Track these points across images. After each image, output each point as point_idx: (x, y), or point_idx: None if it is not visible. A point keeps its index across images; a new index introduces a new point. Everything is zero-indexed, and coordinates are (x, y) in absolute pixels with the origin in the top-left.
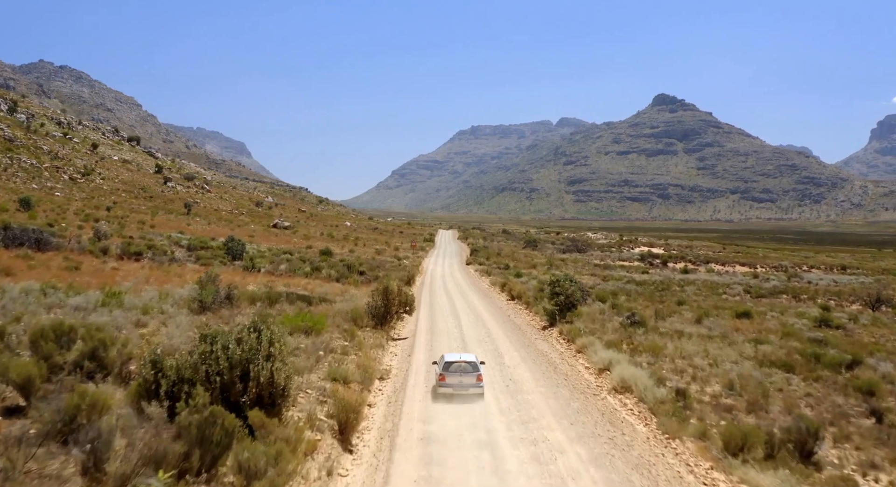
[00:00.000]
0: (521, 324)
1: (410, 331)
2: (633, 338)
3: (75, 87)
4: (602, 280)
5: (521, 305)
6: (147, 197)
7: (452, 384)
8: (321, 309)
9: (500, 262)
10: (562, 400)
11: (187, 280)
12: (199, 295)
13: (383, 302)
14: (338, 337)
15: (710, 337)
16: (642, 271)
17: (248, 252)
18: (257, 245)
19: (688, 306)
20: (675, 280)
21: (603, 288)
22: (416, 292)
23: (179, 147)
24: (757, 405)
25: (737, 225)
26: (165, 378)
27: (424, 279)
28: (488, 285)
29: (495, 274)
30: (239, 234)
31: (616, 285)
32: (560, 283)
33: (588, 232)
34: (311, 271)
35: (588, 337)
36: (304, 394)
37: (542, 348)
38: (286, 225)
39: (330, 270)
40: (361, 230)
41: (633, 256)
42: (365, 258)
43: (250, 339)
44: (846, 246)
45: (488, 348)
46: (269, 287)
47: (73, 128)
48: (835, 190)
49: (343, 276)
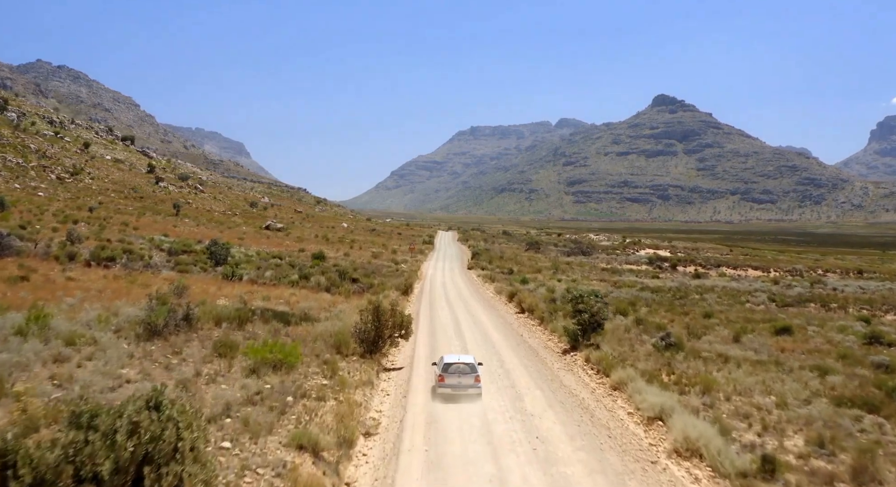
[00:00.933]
0: (537, 346)
1: (407, 358)
2: (673, 365)
3: (73, 86)
4: (613, 286)
5: (533, 320)
6: (137, 197)
7: (451, 385)
8: (300, 332)
9: (503, 266)
10: (612, 475)
11: (153, 292)
12: (148, 317)
13: (374, 325)
14: (315, 372)
15: (760, 362)
16: (652, 275)
17: (234, 257)
18: (246, 248)
19: (716, 318)
20: (692, 287)
21: (618, 296)
22: (414, 301)
23: (177, 147)
24: (865, 473)
25: (737, 226)
26: (18, 482)
27: (424, 287)
28: (493, 293)
29: (499, 280)
30: (229, 236)
31: (630, 292)
32: (584, 298)
33: (589, 233)
34: (298, 280)
35: (626, 370)
36: (249, 478)
37: (569, 382)
38: (279, 227)
39: (320, 277)
40: (358, 232)
41: (640, 259)
42: (361, 263)
43: (151, 423)
44: (850, 248)
45: (504, 384)
46: (245, 301)
47: (65, 127)
48: (835, 191)
49: (334, 284)
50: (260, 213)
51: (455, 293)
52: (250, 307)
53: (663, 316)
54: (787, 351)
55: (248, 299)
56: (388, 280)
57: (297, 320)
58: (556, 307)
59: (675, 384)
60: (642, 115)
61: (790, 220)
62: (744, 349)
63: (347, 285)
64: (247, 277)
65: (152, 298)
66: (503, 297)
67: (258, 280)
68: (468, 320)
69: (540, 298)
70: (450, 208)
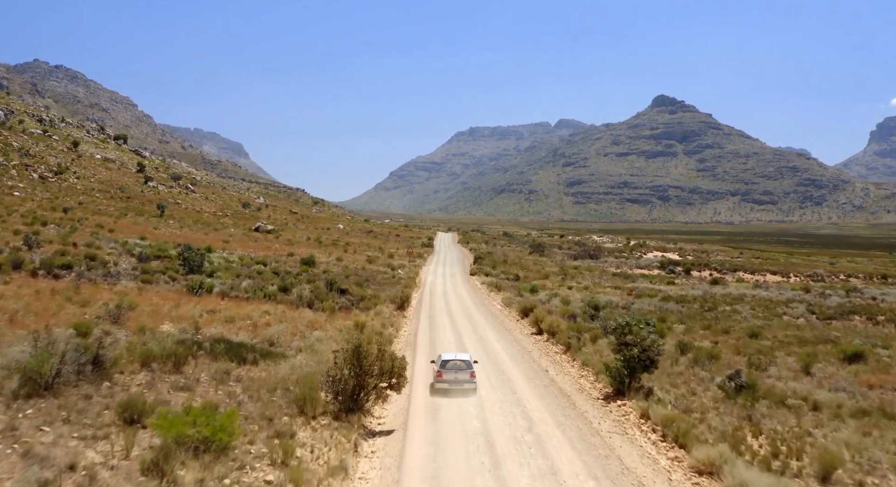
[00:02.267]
0: (570, 389)
1: (400, 411)
2: (755, 419)
3: (70, 86)
4: (630, 295)
5: (556, 346)
6: (124, 197)
7: (448, 380)
8: (256, 376)
9: (507, 271)
10: None
11: (88, 313)
12: (30, 364)
13: (352, 372)
14: (259, 456)
15: (862, 411)
16: (667, 281)
17: (212, 263)
18: (230, 253)
19: (765, 338)
20: (717, 296)
21: (640, 308)
22: (411, 318)
23: (175, 147)
24: None
25: (738, 227)
26: None
27: (422, 297)
28: (500, 305)
29: (506, 289)
30: (214, 238)
31: (653, 303)
32: (632, 328)
33: (592, 235)
34: (276, 292)
35: (717, 447)
36: None
37: (631, 460)
38: (269, 229)
39: (304, 287)
40: (355, 234)
41: (650, 263)
42: (354, 268)
43: None
44: (855, 250)
45: (538, 466)
46: (197, 327)
47: (55, 125)
48: (836, 192)
49: (319, 297)
50: (252, 214)
51: (458, 305)
52: (197, 337)
53: (702, 335)
54: (875, 387)
55: (204, 324)
56: (383, 290)
57: (256, 355)
58: (580, 326)
59: (774, 456)
60: (642, 115)
61: (791, 221)
62: (827, 388)
63: (334, 299)
64: (218, 289)
65: (39, 335)
66: (513, 311)
67: (230, 293)
68: (476, 345)
69: (557, 313)
70: (449, 209)
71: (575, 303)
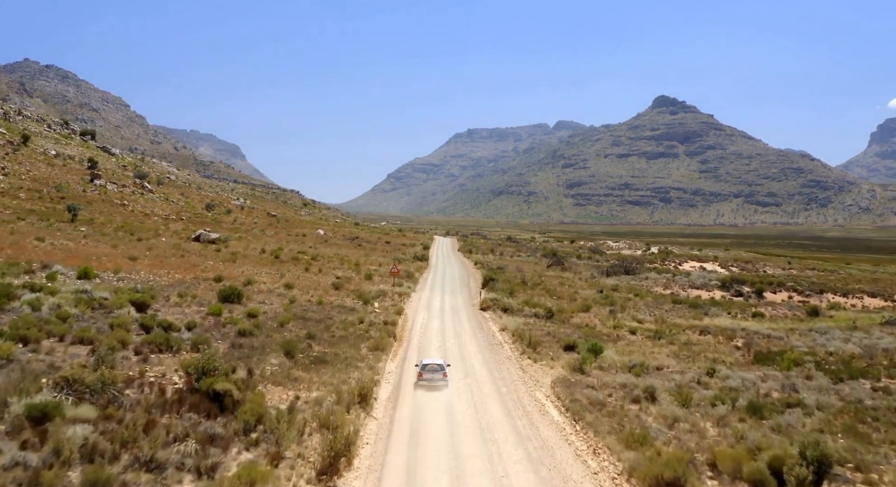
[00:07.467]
0: None
1: None
2: None
3: (60, 86)
4: (747, 355)
5: None
6: (57, 198)
7: (427, 379)
8: None
9: (532, 301)
10: None
11: None
12: None
13: None
14: None
15: None
16: (753, 313)
17: (28, 305)
18: (121, 277)
19: None
20: (864, 344)
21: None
22: (367, 458)
23: (167, 148)
24: None
25: (743, 230)
26: None
27: (401, 376)
28: (551, 395)
29: (545, 344)
30: (121, 253)
31: (806, 384)
32: None
33: (607, 240)
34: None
35: None
36: None
37: None
38: (213, 237)
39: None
40: (335, 241)
41: (707, 280)
42: (301, 304)
43: None
44: (875, 254)
45: None
46: None
47: (9, 118)
48: (841, 194)
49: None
50: (214, 218)
51: (467, 406)
52: None
53: None
54: None
55: None
56: (323, 368)
57: None
58: None
59: None
60: (643, 116)
61: (796, 223)
62: None
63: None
64: None
65: None
66: (580, 428)
67: None
68: None
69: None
70: (447, 211)
71: (700, 394)
